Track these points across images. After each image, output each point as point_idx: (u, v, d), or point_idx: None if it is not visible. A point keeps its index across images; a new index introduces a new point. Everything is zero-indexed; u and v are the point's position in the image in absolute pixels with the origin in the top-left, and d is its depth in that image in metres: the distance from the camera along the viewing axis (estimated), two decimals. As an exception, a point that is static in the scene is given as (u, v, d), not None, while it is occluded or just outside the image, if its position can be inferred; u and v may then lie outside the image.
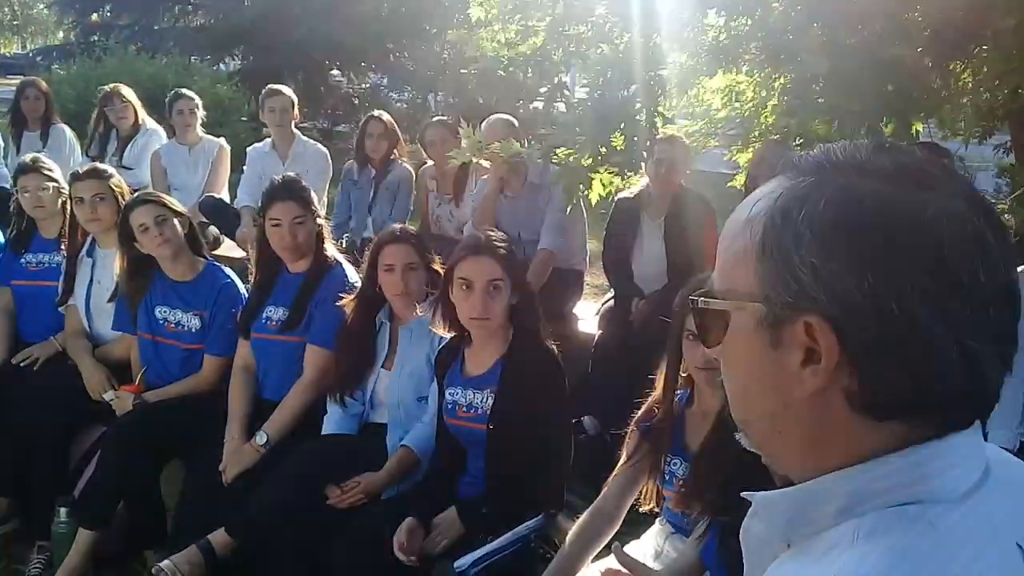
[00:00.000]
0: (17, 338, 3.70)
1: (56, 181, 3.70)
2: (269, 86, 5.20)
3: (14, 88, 6.12)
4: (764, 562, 0.79)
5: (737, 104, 5.29)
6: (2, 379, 3.49)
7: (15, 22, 36.84)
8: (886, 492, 0.70)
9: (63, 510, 3.10)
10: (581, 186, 3.70)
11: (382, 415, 2.95)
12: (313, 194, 3.23)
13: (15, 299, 3.75)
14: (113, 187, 3.51)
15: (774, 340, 0.72)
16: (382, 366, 2.95)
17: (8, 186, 4.72)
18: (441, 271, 2.87)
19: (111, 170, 3.67)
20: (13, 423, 3.30)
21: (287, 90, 5.17)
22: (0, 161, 5.84)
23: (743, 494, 0.83)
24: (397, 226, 3.07)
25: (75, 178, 3.55)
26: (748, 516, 0.84)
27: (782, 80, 4.83)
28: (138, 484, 3.06)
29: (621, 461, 2.39)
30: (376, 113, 5.07)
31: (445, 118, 5.08)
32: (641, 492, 2.40)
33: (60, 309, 3.65)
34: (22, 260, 3.73)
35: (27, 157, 3.89)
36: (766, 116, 5.17)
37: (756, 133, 5.29)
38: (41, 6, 26.71)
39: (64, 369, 3.46)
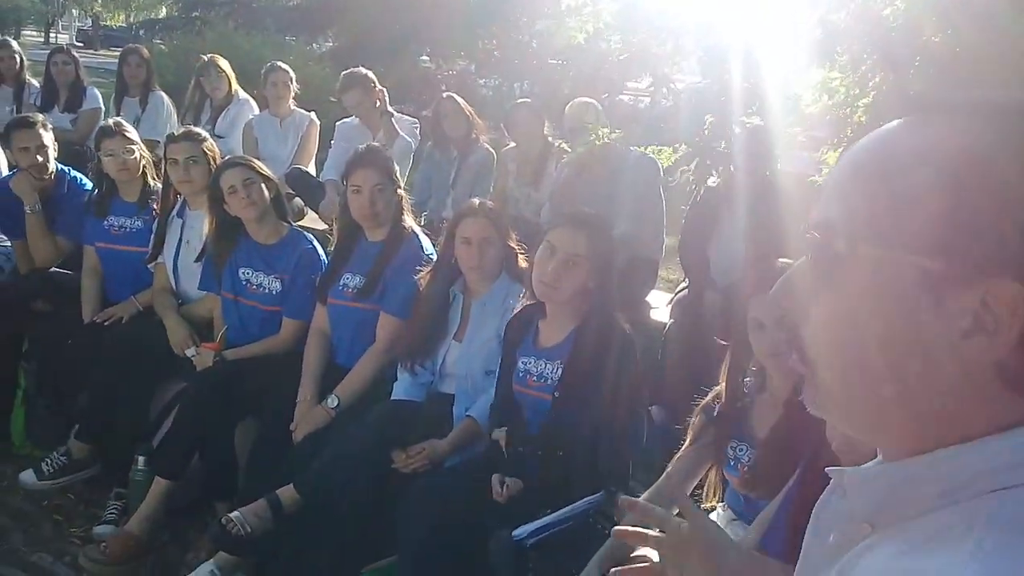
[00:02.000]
0: (107, 297, 3.85)
1: (138, 144, 3.82)
2: (344, 73, 5.25)
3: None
4: (838, 542, 0.73)
5: (829, 101, 5.18)
6: (91, 334, 3.64)
7: (120, -5, 38.21)
8: (997, 473, 0.63)
9: (141, 459, 3.24)
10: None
11: (449, 385, 2.99)
12: (395, 165, 3.28)
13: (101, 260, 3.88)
14: (206, 150, 3.61)
15: (936, 301, 0.63)
16: (453, 338, 2.99)
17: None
18: (519, 249, 2.91)
19: (204, 133, 3.79)
20: (98, 375, 3.45)
21: (362, 74, 5.18)
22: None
23: (828, 470, 0.77)
24: (477, 200, 3.10)
25: (170, 140, 3.67)
26: (828, 491, 0.79)
27: (878, 79, 4.71)
28: (213, 438, 3.16)
29: (685, 444, 2.39)
30: (447, 94, 5.12)
31: (529, 100, 5.09)
32: (703, 483, 2.39)
33: (149, 267, 3.78)
34: (104, 223, 3.86)
35: (109, 121, 4.03)
36: (859, 116, 5.06)
37: (848, 132, 5.17)
38: (147, -20, 27.64)
39: (149, 325, 3.59)
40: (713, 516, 2.43)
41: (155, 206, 3.80)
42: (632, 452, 2.65)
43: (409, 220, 3.25)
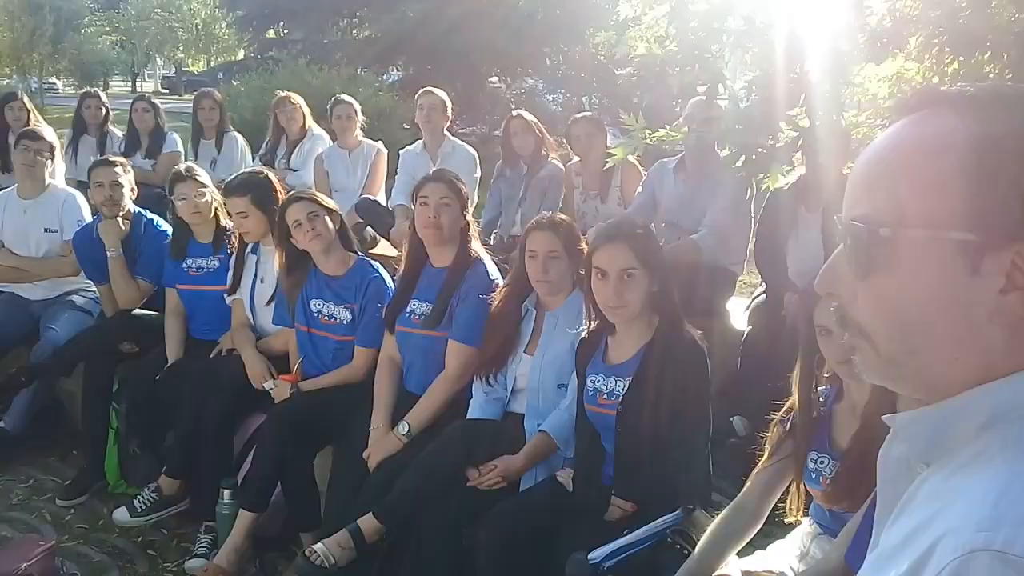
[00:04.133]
0: (190, 336, 3.96)
1: (209, 188, 3.93)
2: (423, 88, 5.36)
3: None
4: (901, 488, 0.83)
5: (906, 93, 5.00)
6: (176, 373, 3.74)
7: (200, 42, 39.77)
8: None
9: (227, 492, 3.30)
10: (760, 176, 3.61)
11: (521, 403, 2.96)
12: (464, 187, 3.29)
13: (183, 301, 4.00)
14: (255, 204, 3.66)
15: (972, 268, 0.73)
16: (524, 351, 2.97)
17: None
18: None
19: (261, 180, 3.79)
20: (183, 413, 3.53)
21: (438, 91, 5.31)
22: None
23: (884, 417, 0.86)
24: (547, 214, 3.08)
25: (225, 194, 3.76)
26: (887, 441, 0.88)
27: (955, 65, 4.53)
28: (293, 469, 3.21)
29: (764, 458, 2.30)
30: (515, 112, 5.13)
31: (590, 113, 5.05)
32: (786, 498, 2.30)
33: (227, 301, 3.88)
34: (183, 265, 3.97)
35: (181, 166, 4.14)
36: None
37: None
38: (224, 24, 28.67)
39: (229, 361, 3.68)
40: (798, 531, 2.33)
41: (230, 244, 3.90)
42: (704, 463, 2.57)
43: (476, 246, 3.24)
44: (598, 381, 2.60)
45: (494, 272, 3.21)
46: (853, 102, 4.28)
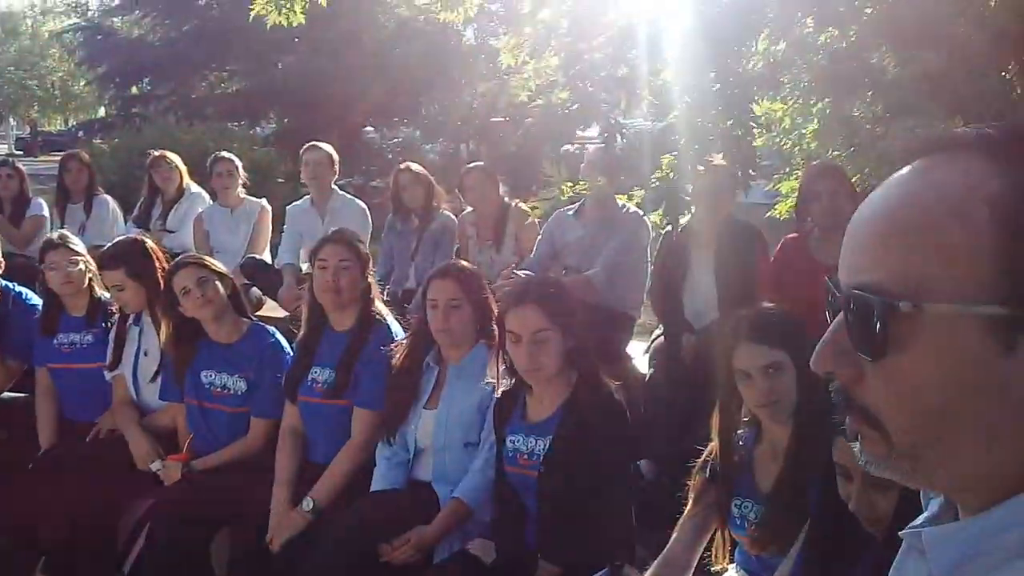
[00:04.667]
0: (64, 418, 3.65)
1: (83, 256, 3.67)
2: (308, 143, 5.24)
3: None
4: None
5: (773, 133, 5.22)
6: (51, 460, 3.45)
7: (58, 100, 38.11)
8: None
9: (113, 585, 3.04)
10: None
11: (426, 467, 2.84)
12: (364, 247, 3.19)
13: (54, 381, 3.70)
14: (129, 276, 3.44)
15: (1005, 346, 0.63)
16: (425, 406, 2.85)
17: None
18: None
19: (134, 247, 3.59)
20: (60, 502, 3.23)
21: (324, 146, 5.19)
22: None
23: (906, 532, 0.77)
24: (450, 262, 3.02)
25: (99, 267, 3.53)
26: (903, 553, 0.79)
27: (819, 104, 4.76)
28: (189, 557, 2.97)
29: (688, 507, 2.28)
30: (403, 165, 5.08)
31: (482, 163, 5.05)
32: (712, 545, 2.28)
33: (108, 378, 3.62)
34: (54, 342, 3.68)
35: (53, 233, 3.89)
36: (808, 142, 5.09)
37: (799, 160, 5.20)
38: (83, 83, 27.60)
39: (110, 442, 3.42)
40: (726, 579, 2.31)
41: (107, 317, 3.65)
42: (628, 518, 2.53)
43: (379, 306, 3.14)
44: (518, 441, 2.52)
45: (400, 332, 3.10)
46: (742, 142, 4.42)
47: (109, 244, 3.70)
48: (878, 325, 0.66)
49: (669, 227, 4.18)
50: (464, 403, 2.78)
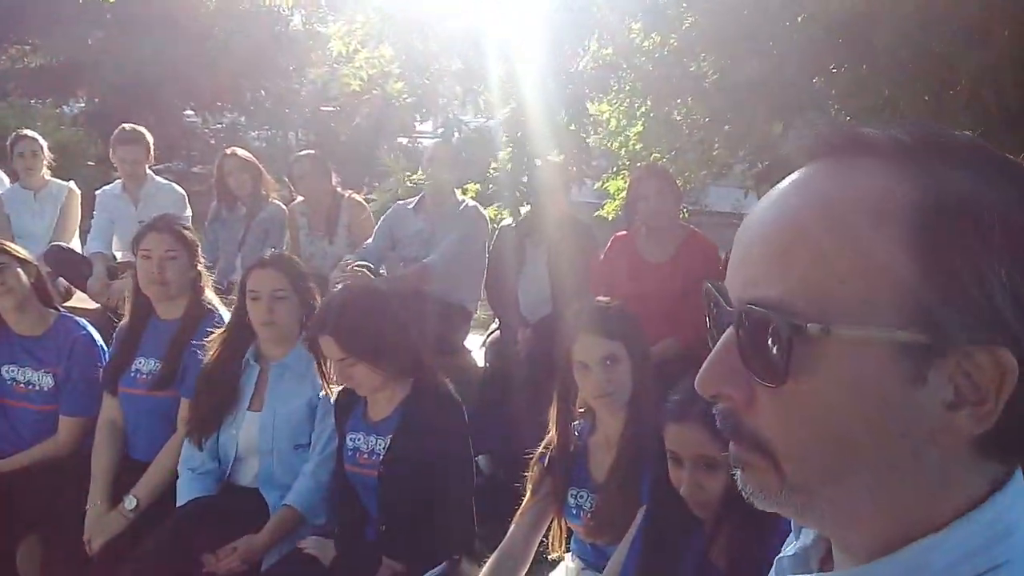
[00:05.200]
0: None
1: None
2: (122, 126, 4.89)
3: None
4: None
5: (601, 133, 5.40)
6: None
7: None
8: (974, 556, 0.58)
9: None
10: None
11: (247, 472, 2.72)
12: (191, 234, 3.01)
13: None
14: None
15: (915, 375, 0.56)
16: (248, 408, 2.72)
17: None
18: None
19: None
20: None
21: (138, 128, 4.86)
22: None
23: (777, 558, 0.72)
24: (271, 252, 2.89)
25: None
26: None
27: (644, 108, 4.95)
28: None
29: (526, 499, 2.31)
30: (229, 150, 4.88)
31: (314, 152, 4.91)
32: (548, 535, 2.32)
33: None
34: None
35: None
36: (632, 144, 5.29)
37: (625, 161, 5.39)
38: None
39: None
40: (561, 567, 2.36)
41: None
42: (467, 513, 2.52)
43: (210, 295, 2.99)
44: (358, 440, 2.47)
45: None
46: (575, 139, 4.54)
47: None
48: (777, 347, 0.59)
49: (504, 222, 4.25)
50: (292, 403, 2.67)
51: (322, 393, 2.61)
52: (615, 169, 5.41)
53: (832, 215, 0.59)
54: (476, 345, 4.26)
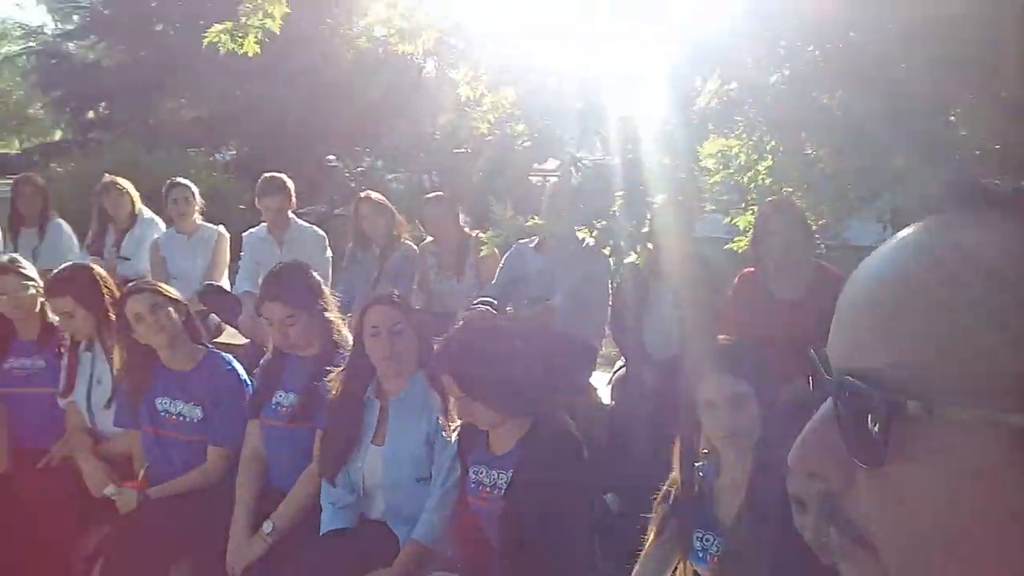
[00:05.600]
0: (17, 445, 3.57)
1: (33, 281, 3.61)
2: (265, 176, 5.19)
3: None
4: None
5: (730, 169, 5.32)
6: (4, 487, 3.36)
7: (13, 123, 37.45)
8: None
9: (65, 619, 2.96)
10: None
11: (377, 506, 2.82)
12: (315, 279, 3.16)
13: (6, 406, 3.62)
14: (76, 301, 3.39)
15: None
16: (372, 442, 2.83)
17: None
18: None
19: (81, 273, 3.55)
20: (15, 529, 3.16)
21: (279, 177, 5.14)
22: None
23: None
24: (384, 291, 3.00)
25: (47, 294, 3.48)
26: None
27: (773, 143, 4.86)
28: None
29: (649, 540, 2.29)
30: (364, 194, 5.08)
31: (442, 193, 5.07)
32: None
33: (61, 404, 3.55)
34: (5, 366, 3.61)
35: (4, 257, 3.84)
36: (761, 178, 5.20)
37: (753, 196, 5.30)
38: (38, 105, 27.18)
39: (65, 469, 3.35)
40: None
41: (58, 342, 3.58)
42: (586, 549, 2.53)
43: (344, 332, 3.12)
44: (481, 473, 2.52)
45: None
46: (692, 178, 4.51)
47: (56, 270, 3.62)
48: (876, 425, 0.53)
49: (628, 259, 4.24)
50: (411, 438, 2.76)
51: (447, 429, 2.67)
52: (743, 205, 5.33)
53: (944, 278, 0.53)
54: (602, 383, 4.25)
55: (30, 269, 3.70)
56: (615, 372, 4.17)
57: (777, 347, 3.08)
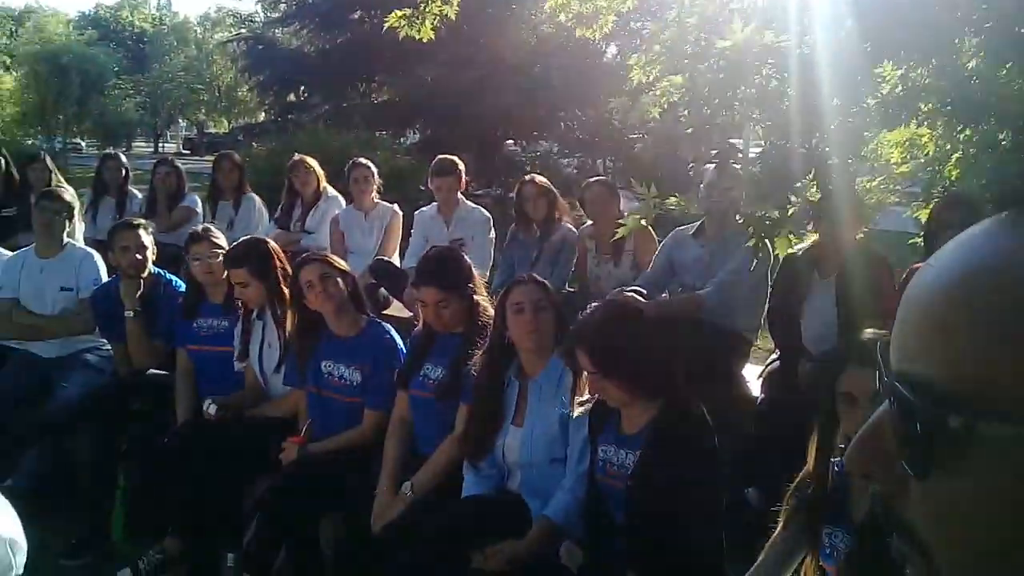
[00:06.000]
0: (198, 398, 3.94)
1: (223, 249, 3.95)
2: (438, 158, 5.41)
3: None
4: None
5: (919, 159, 5.02)
6: (184, 434, 3.73)
7: (222, 104, 40.61)
8: None
9: (231, 556, 3.25)
10: (766, 242, 3.63)
11: (515, 479, 2.92)
12: (466, 262, 3.29)
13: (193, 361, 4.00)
14: (252, 273, 3.68)
15: None
16: (512, 422, 2.92)
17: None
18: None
19: (258, 246, 3.83)
20: (191, 474, 3.50)
21: (453, 162, 5.33)
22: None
23: None
24: (525, 274, 3.07)
25: (226, 265, 3.77)
26: None
27: (967, 132, 4.55)
28: (298, 533, 3.16)
29: (777, 530, 2.25)
30: (527, 176, 5.17)
31: (604, 177, 5.09)
32: (801, 571, 2.24)
33: (237, 367, 3.88)
34: (194, 325, 3.98)
35: (198, 227, 4.22)
36: (950, 170, 4.88)
37: (939, 188, 4.99)
38: (245, 88, 29.34)
39: (238, 424, 3.66)
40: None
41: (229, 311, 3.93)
42: (715, 538, 2.51)
43: (489, 307, 3.22)
44: (609, 451, 2.56)
45: None
46: (866, 168, 4.31)
47: (234, 244, 3.94)
48: (922, 436, 0.51)
49: (791, 250, 4.11)
50: (548, 420, 2.83)
51: (572, 410, 2.72)
52: (922, 199, 5.03)
53: (1000, 286, 0.49)
54: (754, 375, 4.16)
55: (221, 239, 4.06)
56: (767, 365, 4.07)
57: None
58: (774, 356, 4.09)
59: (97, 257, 4.55)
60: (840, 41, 3.47)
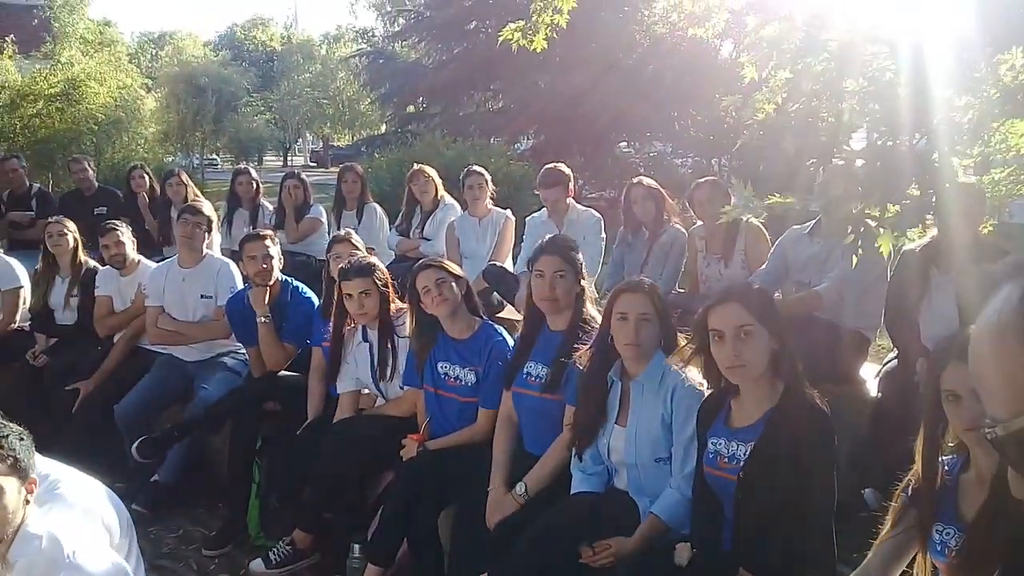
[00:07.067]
0: (329, 394, 4.19)
1: (361, 251, 4.22)
2: (545, 168, 5.47)
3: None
4: None
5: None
6: (315, 431, 3.97)
7: (346, 117, 41.97)
8: None
9: (356, 547, 3.46)
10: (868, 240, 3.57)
11: (621, 477, 2.98)
12: (580, 255, 3.37)
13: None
14: (377, 281, 3.85)
15: None
16: (616, 422, 2.97)
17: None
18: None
19: (376, 262, 4.00)
20: (319, 470, 3.71)
21: (560, 172, 5.39)
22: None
23: None
24: (637, 278, 3.11)
25: (343, 276, 3.91)
26: None
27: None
28: (419, 526, 3.32)
29: (886, 528, 2.25)
30: (636, 179, 5.20)
31: (714, 177, 5.07)
32: (912, 568, 2.23)
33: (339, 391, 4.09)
34: (330, 324, 4.17)
35: (343, 231, 4.56)
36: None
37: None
38: (368, 101, 30.24)
39: (362, 422, 3.87)
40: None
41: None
42: (828, 533, 2.50)
43: (591, 309, 3.30)
44: (719, 444, 2.59)
45: None
46: (998, 160, 4.15)
47: (354, 260, 4.06)
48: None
49: (908, 246, 4.00)
50: (651, 420, 2.87)
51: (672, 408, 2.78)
52: (1055, 189, 4.79)
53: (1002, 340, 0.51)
54: (871, 374, 4.08)
55: (359, 242, 4.45)
56: (885, 364, 3.98)
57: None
58: (892, 355, 4.00)
59: (233, 266, 4.87)
60: (958, 31, 3.37)
